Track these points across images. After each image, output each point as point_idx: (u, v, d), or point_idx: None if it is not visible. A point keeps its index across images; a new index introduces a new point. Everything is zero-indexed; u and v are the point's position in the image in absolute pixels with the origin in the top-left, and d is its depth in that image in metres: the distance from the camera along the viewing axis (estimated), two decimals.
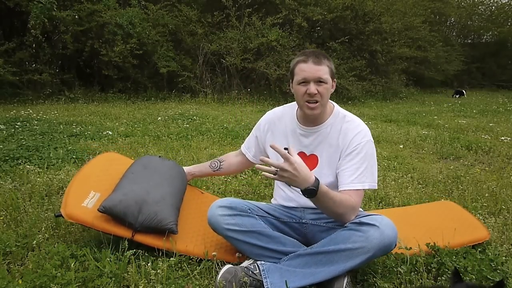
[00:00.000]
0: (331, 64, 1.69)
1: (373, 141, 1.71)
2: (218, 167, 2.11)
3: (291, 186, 1.61)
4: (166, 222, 1.77)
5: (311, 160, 1.74)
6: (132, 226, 1.76)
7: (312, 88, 1.62)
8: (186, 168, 2.18)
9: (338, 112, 1.75)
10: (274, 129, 1.87)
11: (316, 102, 1.65)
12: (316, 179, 1.50)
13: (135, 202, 1.78)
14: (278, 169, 1.45)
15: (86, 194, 1.88)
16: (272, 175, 1.47)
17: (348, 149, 1.67)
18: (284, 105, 1.92)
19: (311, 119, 1.73)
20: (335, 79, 1.71)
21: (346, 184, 1.65)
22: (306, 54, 1.66)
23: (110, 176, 2.00)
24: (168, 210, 1.82)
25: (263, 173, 1.48)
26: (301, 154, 1.76)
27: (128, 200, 1.78)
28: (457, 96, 13.80)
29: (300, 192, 1.54)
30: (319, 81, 1.63)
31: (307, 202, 1.70)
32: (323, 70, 1.64)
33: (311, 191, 1.49)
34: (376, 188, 1.73)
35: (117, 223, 1.78)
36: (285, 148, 1.56)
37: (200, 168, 2.19)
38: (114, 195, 1.81)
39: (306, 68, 1.63)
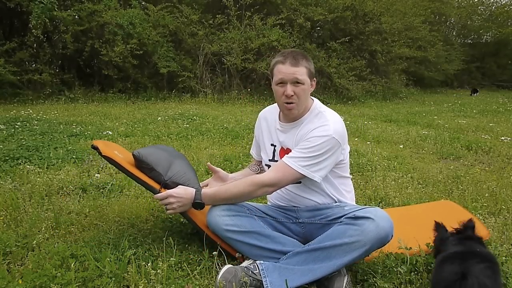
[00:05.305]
0: (310, 64, 1.72)
1: (337, 139, 1.64)
2: (259, 170, 2.04)
3: (196, 209, 1.73)
4: (192, 184, 1.81)
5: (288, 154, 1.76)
6: (161, 178, 1.81)
7: (289, 89, 1.67)
8: (230, 175, 2.05)
9: (315, 109, 1.76)
10: (263, 125, 1.93)
11: (293, 103, 1.70)
12: (197, 191, 1.69)
13: (166, 160, 1.90)
14: (166, 204, 1.69)
15: (113, 150, 1.93)
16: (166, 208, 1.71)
17: (305, 137, 1.69)
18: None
19: (289, 117, 1.77)
20: (314, 79, 1.75)
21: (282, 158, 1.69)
22: (284, 55, 1.70)
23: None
24: (194, 178, 1.91)
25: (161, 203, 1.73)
26: (281, 149, 1.81)
27: (160, 154, 1.92)
28: (474, 94, 14.17)
29: (289, 189, 1.74)
30: (296, 82, 1.67)
31: (296, 198, 1.78)
32: (300, 72, 1.67)
33: (197, 205, 1.69)
34: (318, 180, 1.66)
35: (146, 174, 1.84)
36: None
37: (243, 173, 2.08)
38: (148, 147, 2.01)
39: (283, 69, 1.67)
